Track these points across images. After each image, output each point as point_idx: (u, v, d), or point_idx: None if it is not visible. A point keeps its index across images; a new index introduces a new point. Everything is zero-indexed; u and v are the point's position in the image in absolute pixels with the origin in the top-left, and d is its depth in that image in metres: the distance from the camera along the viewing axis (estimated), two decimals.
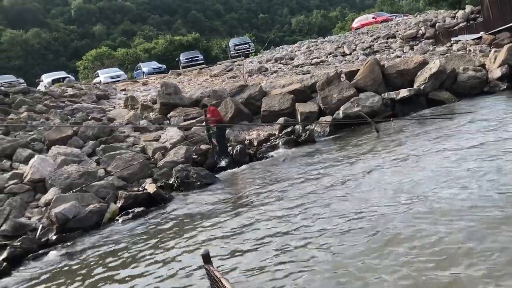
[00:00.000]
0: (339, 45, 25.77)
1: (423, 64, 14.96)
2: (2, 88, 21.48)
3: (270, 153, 12.44)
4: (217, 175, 11.10)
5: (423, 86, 14.13)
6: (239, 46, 36.41)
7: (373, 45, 23.70)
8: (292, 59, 25.34)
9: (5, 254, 7.69)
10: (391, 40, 24.02)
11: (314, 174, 9.26)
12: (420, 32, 23.25)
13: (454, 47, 19.55)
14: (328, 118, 13.99)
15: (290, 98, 15.23)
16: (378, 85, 14.75)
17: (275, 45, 37.62)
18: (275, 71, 22.37)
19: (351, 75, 15.60)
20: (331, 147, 11.83)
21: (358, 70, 15.62)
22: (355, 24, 36.67)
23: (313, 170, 9.66)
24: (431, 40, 21.80)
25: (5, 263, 7.36)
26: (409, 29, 24.22)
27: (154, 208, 9.33)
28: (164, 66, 34.55)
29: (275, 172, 10.30)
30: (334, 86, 14.79)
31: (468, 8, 24.24)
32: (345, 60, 22.06)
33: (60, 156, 11.72)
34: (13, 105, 17.21)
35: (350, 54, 23.26)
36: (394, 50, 21.77)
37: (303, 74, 19.70)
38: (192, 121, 15.49)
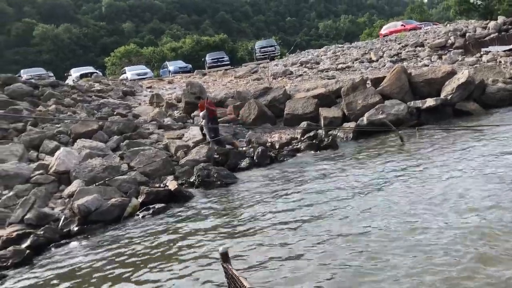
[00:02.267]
0: (366, 51, 25.60)
1: (451, 74, 14.72)
2: (32, 80, 22.01)
3: (292, 157, 12.40)
4: (238, 176, 11.14)
5: (450, 96, 13.90)
6: (265, 49, 36.50)
7: (400, 53, 23.47)
8: (317, 63, 25.28)
9: (28, 242, 7.88)
10: (419, 48, 23.73)
11: (336, 180, 9.20)
12: (449, 41, 22.91)
13: (484, 58, 19.20)
14: (352, 124, 13.89)
15: (314, 103, 15.18)
16: (405, 93, 14.57)
17: (301, 49, 37.55)
18: (300, 75, 22.35)
19: (377, 82, 15.45)
20: (354, 154, 11.73)
21: (384, 77, 15.46)
22: (383, 31, 36.41)
23: (334, 175, 9.61)
24: (460, 50, 21.45)
25: (28, 251, 7.54)
26: (438, 38, 23.89)
27: (174, 205, 9.40)
28: (190, 66, 34.90)
29: (296, 175, 10.28)
30: (359, 92, 14.67)
31: (501, 19, 23.78)
32: (372, 67, 21.89)
33: (85, 150, 11.95)
34: (42, 98, 17.62)
35: (377, 60, 23.07)
36: (422, 59, 21.49)
37: (328, 79, 19.62)
38: None
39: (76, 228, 8.56)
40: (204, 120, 13.36)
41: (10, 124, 14.14)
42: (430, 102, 13.82)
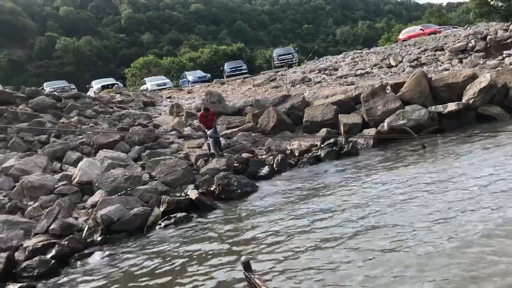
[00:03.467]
0: (385, 57, 25.40)
1: (473, 77, 14.51)
2: (55, 93, 22.45)
3: (312, 164, 12.34)
4: (258, 184, 11.14)
5: (472, 100, 13.69)
6: (283, 56, 36.50)
7: (420, 57, 23.21)
8: (336, 70, 25.19)
9: (53, 252, 8.00)
10: (439, 52, 23.44)
11: (357, 188, 9.14)
12: (470, 45, 22.57)
13: (507, 61, 18.85)
14: (372, 131, 13.78)
15: (333, 109, 15.11)
16: (425, 98, 14.41)
17: (319, 56, 37.47)
18: (319, 82, 22.30)
19: (397, 87, 15.32)
20: (374, 161, 11.62)
21: (404, 82, 15.33)
22: (402, 35, 36.05)
23: (355, 183, 9.54)
24: (481, 53, 21.12)
25: (53, 261, 7.66)
26: (458, 42, 23.56)
27: (195, 214, 9.44)
28: (209, 75, 35.09)
29: (317, 184, 10.23)
30: (379, 98, 14.56)
31: None
32: (391, 72, 21.70)
33: (107, 160, 12.10)
34: (65, 110, 17.93)
35: (396, 66, 22.87)
36: (442, 63, 21.23)
37: (347, 85, 19.53)
38: (234, 129, 15.65)
39: (99, 238, 8.65)
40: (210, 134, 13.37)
41: (35, 136, 14.44)
42: (451, 106, 13.62)
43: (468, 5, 43.93)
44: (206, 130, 13.57)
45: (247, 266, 3.96)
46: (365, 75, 22.11)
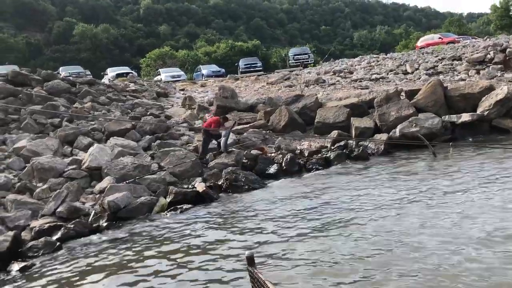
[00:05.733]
0: (401, 63, 25.20)
1: (489, 89, 14.35)
2: (70, 78, 22.60)
3: (321, 165, 12.28)
4: (265, 181, 11.13)
5: (487, 112, 13.55)
6: (299, 56, 36.40)
7: (437, 66, 22.98)
8: (351, 73, 25.04)
9: (59, 234, 8.10)
10: (456, 62, 23.17)
11: (363, 192, 9.10)
12: (488, 56, 22.29)
13: None
14: (384, 136, 13.68)
15: (346, 112, 15.03)
16: (439, 106, 14.28)
17: (335, 58, 37.30)
18: (333, 84, 22.20)
19: (411, 94, 15.19)
20: (384, 167, 11.54)
21: (419, 89, 15.20)
22: (420, 43, 35.78)
23: (362, 188, 9.49)
24: (499, 66, 20.86)
25: (58, 243, 7.74)
26: (477, 53, 23.27)
27: (201, 206, 9.47)
28: (223, 70, 35.12)
29: (324, 185, 10.20)
30: (393, 103, 14.46)
31: None
32: (406, 79, 21.53)
33: (118, 147, 12.18)
34: (79, 95, 18.06)
35: (412, 73, 22.67)
36: (459, 73, 21.00)
37: (361, 89, 19.43)
38: (245, 125, 15.63)
39: (105, 224, 8.73)
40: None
41: (48, 119, 14.58)
42: (465, 117, 13.51)
43: (489, 16, 43.50)
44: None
45: (251, 261, 3.94)
46: (380, 80, 21.97)
